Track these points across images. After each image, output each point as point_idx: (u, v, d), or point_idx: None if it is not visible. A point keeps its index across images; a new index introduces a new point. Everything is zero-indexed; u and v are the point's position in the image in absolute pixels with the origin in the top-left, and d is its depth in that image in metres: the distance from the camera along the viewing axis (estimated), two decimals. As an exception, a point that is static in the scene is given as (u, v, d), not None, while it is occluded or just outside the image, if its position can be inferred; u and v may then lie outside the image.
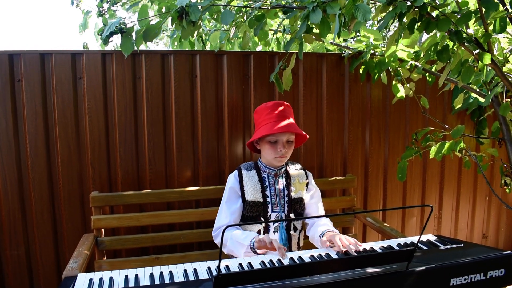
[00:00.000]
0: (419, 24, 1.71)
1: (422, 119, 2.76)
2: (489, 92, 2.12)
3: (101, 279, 1.37)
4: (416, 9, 1.69)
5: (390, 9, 1.71)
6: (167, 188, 2.42)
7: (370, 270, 1.34)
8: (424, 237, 1.75)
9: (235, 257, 1.72)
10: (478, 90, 2.25)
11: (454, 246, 1.61)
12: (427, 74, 2.50)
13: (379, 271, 1.33)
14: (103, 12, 2.42)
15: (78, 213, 2.33)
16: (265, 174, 1.94)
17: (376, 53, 2.50)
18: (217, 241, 1.91)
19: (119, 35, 1.97)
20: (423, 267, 1.36)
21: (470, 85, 2.23)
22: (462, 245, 1.61)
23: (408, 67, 2.42)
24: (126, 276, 1.38)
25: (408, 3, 1.64)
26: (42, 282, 2.35)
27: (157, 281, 1.35)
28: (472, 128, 2.91)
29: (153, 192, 2.26)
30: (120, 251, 2.42)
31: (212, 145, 2.46)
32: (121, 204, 2.25)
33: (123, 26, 1.93)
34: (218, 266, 1.08)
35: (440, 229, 2.98)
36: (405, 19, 1.74)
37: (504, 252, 1.47)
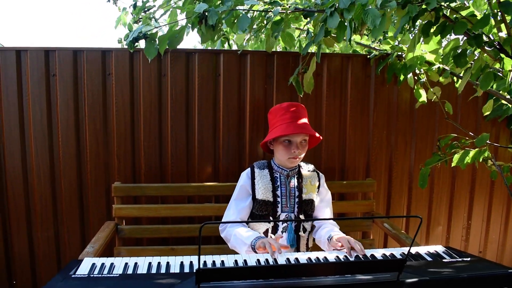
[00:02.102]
0: (435, 27, 1.66)
1: (452, 125, 2.65)
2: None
3: (103, 264, 1.46)
4: (432, 12, 1.64)
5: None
6: (187, 182, 2.50)
7: (360, 277, 1.33)
8: (433, 248, 1.70)
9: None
10: (509, 97, 2.14)
11: (459, 259, 1.55)
12: (455, 78, 2.40)
13: (369, 279, 1.32)
14: (139, 19, 2.54)
15: (103, 201, 2.47)
16: (277, 174, 1.97)
17: (403, 55, 2.44)
18: (222, 235, 1.97)
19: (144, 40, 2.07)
20: (416, 279, 1.33)
21: (500, 91, 2.13)
22: (469, 259, 1.55)
23: (436, 71, 2.34)
24: (126, 264, 1.46)
25: (423, 5, 1.60)
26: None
27: (153, 270, 1.42)
28: (508, 136, 2.76)
29: (171, 185, 2.35)
30: (141, 240, 2.53)
31: (233, 143, 2.51)
32: (141, 195, 2.36)
33: (147, 32, 2.02)
34: (198, 261, 1.13)
35: (469, 240, 2.87)
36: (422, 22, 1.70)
37: (509, 270, 1.40)
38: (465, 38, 1.93)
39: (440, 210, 2.79)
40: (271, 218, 1.91)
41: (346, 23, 1.79)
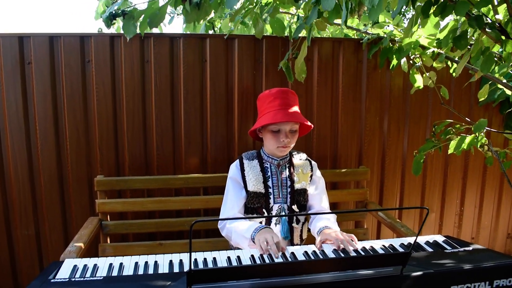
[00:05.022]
0: (434, 8, 1.57)
1: (446, 110, 2.60)
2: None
3: (85, 266, 1.36)
4: (432, -9, 1.55)
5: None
6: (174, 174, 2.40)
7: (362, 272, 1.26)
8: (432, 238, 1.64)
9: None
10: (505, 81, 2.08)
11: (461, 249, 1.49)
12: (449, 62, 2.33)
13: (371, 274, 1.25)
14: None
15: (86, 196, 2.35)
16: (267, 164, 1.88)
17: (396, 39, 2.35)
18: (223, 234, 1.87)
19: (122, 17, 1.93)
20: (420, 272, 1.27)
21: (496, 76, 2.06)
22: (471, 248, 1.49)
23: (430, 55, 2.27)
24: (111, 264, 1.36)
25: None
26: (51, 262, 2.39)
27: (140, 271, 1.32)
28: (500, 121, 2.72)
29: (157, 178, 2.24)
30: (127, 236, 2.42)
31: (221, 132, 2.41)
32: (126, 188, 2.25)
33: (125, 8, 1.88)
34: (190, 261, 1.03)
35: (461, 226, 2.83)
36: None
37: (515, 260, 1.35)
38: (462, 19, 1.86)
39: (433, 197, 2.74)
40: (264, 211, 1.83)
41: (341, 5, 1.69)
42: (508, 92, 2.06)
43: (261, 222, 1.84)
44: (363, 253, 1.48)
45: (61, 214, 2.36)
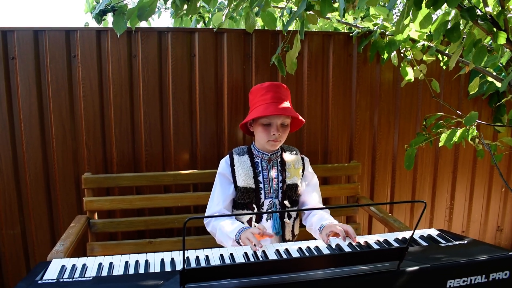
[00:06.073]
0: (426, -1, 1.56)
1: (436, 104, 2.60)
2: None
3: (73, 266, 1.32)
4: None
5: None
6: (163, 170, 2.36)
7: (359, 268, 1.24)
8: (426, 232, 1.63)
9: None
10: (495, 74, 2.08)
11: (456, 243, 1.48)
12: (440, 55, 2.32)
13: (368, 270, 1.23)
14: None
15: (73, 194, 2.30)
16: (258, 159, 1.85)
17: (387, 33, 2.34)
18: (208, 229, 1.85)
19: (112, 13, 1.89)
20: (417, 267, 1.25)
21: (487, 68, 2.06)
22: (465, 242, 1.49)
23: (421, 48, 2.26)
24: (100, 264, 1.32)
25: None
26: (38, 262, 2.33)
27: (131, 271, 1.29)
28: (489, 114, 2.73)
29: (146, 174, 2.20)
30: (116, 234, 2.38)
31: (210, 128, 2.37)
32: (114, 186, 2.20)
33: (116, 4, 1.83)
34: (183, 260, 1.00)
35: (452, 220, 2.84)
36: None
37: (510, 253, 1.34)
38: (453, 12, 1.85)
39: (424, 190, 2.75)
40: (255, 207, 1.81)
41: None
42: (497, 84, 2.05)
43: (251, 218, 1.82)
44: (358, 249, 1.47)
45: (48, 212, 2.30)
